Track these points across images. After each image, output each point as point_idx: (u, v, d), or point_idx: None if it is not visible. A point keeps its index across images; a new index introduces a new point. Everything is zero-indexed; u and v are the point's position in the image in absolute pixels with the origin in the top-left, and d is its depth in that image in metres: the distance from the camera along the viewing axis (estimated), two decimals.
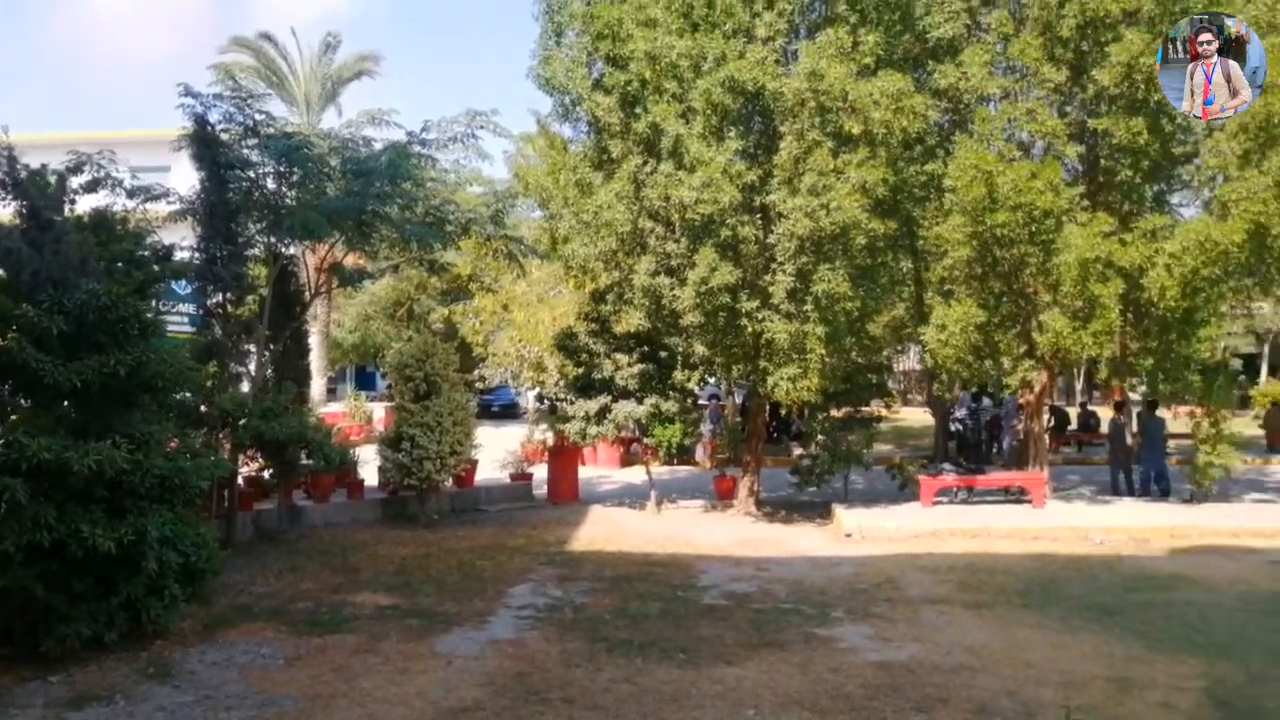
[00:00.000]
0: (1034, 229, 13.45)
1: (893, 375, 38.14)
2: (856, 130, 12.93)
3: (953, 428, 21.76)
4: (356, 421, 26.92)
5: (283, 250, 14.47)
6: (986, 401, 22.15)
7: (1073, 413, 26.00)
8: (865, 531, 13.80)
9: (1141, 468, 16.93)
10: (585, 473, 19.88)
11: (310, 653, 8.43)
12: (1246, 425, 25.64)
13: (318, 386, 28.60)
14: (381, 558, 12.46)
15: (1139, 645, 8.61)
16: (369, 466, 15.88)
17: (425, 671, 7.96)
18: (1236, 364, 38.90)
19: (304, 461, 13.08)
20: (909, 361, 36.41)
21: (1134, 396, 19.95)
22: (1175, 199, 16.02)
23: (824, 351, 13.62)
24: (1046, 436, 17.80)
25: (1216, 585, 10.82)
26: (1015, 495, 15.83)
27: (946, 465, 17.09)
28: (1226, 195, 13.27)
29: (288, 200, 13.21)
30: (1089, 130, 14.40)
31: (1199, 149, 14.23)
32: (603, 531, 14.47)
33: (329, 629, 9.16)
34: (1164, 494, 16.35)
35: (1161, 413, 17.14)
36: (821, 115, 13.02)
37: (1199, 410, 15.63)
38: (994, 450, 21.80)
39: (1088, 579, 11.22)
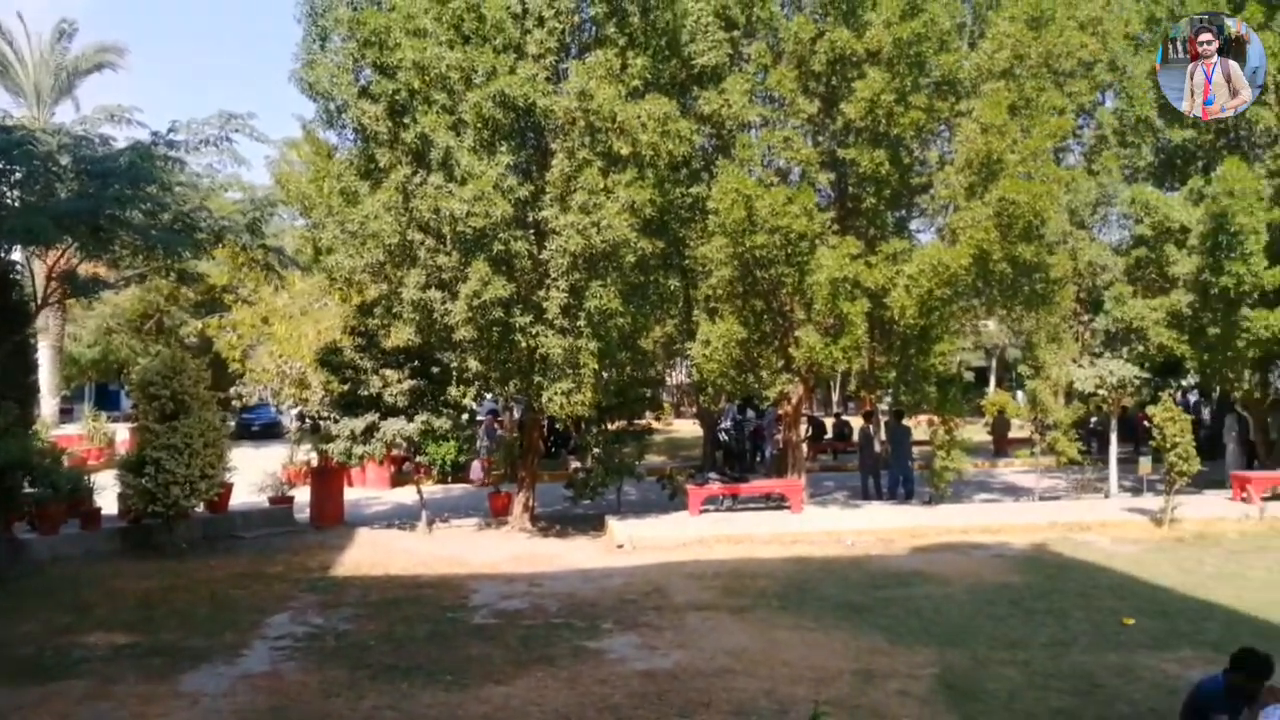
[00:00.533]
0: (790, 251, 14.26)
1: (665, 389, 39.19)
2: (625, 151, 13.23)
3: (720, 438, 22.66)
4: (95, 444, 24.60)
5: (1, 255, 13.04)
6: (751, 413, 23.23)
7: (830, 423, 27.71)
8: (637, 542, 14.08)
9: (889, 473, 18.28)
10: (352, 494, 19.13)
11: (29, 704, 7.58)
12: (978, 432, 28.37)
13: (49, 406, 25.95)
14: (120, 592, 11.41)
15: (882, 639, 9.27)
16: (108, 493, 14.55)
17: (166, 714, 7.36)
18: (969, 376, 42.90)
19: (27, 489, 11.78)
20: (681, 375, 37.63)
21: (883, 407, 21.53)
22: (914, 225, 17.44)
23: (597, 366, 13.82)
24: (805, 445, 18.91)
25: (950, 579, 11.84)
26: (776, 502, 16.66)
27: (713, 474, 17.75)
28: (955, 223, 14.64)
29: (7, 201, 11.92)
30: (839, 159, 15.44)
31: (933, 180, 15.58)
32: (370, 555, 13.95)
33: (53, 675, 8.29)
34: (908, 497, 17.71)
35: (906, 421, 18.63)
36: (591, 135, 13.23)
37: (936, 419, 17.06)
38: (758, 459, 22.87)
39: (839, 579, 11.96)
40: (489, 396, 19.24)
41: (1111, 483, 17.99)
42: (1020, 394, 28.68)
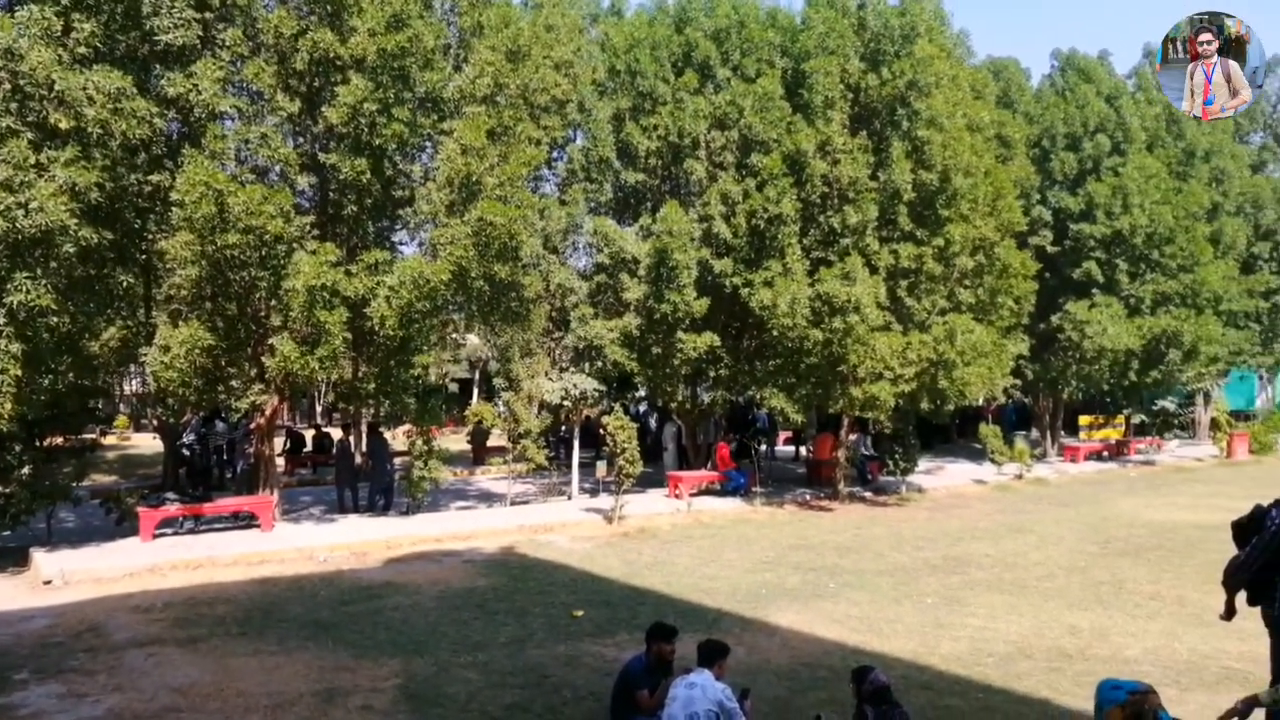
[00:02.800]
0: (265, 253, 13.50)
1: (122, 399, 34.80)
2: (65, 125, 11.51)
3: (183, 454, 20.66)
4: None
5: None
6: (221, 425, 21.55)
7: (310, 435, 26.70)
8: (70, 575, 12.23)
9: (369, 485, 18.09)
10: None
11: None
12: (460, 442, 29.32)
13: None
14: None
15: (348, 655, 9.07)
16: None
17: None
18: (454, 388, 44.12)
19: None
20: (136, 385, 33.72)
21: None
22: (397, 237, 17.51)
23: (20, 373, 11.77)
24: (281, 459, 17.97)
25: (420, 588, 11.99)
26: (245, 520, 15.60)
27: (171, 494, 16.12)
28: (436, 238, 14.98)
29: None
30: (321, 163, 14.97)
31: (416, 194, 15.79)
32: None
33: None
34: (386, 508, 17.67)
35: (386, 432, 18.57)
36: (20, 101, 11.29)
37: (415, 429, 17.25)
38: (229, 475, 21.27)
39: (308, 598, 11.51)
40: None
41: (574, 486, 19.67)
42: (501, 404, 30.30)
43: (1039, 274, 22.62)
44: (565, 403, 18.82)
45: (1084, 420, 29.84)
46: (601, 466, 19.43)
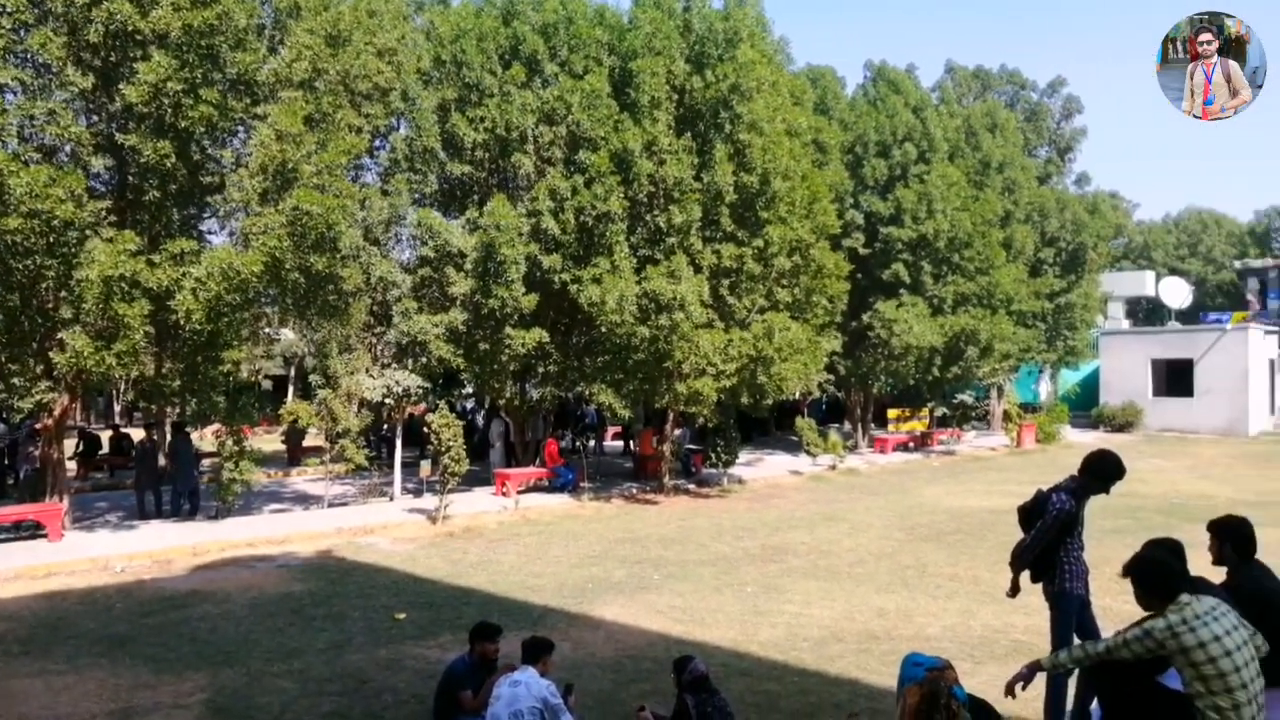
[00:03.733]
0: (53, 240, 12.45)
1: None
2: None
3: None
4: None
5: None
6: (1, 427, 19.74)
7: (107, 436, 24.84)
8: None
9: (173, 488, 17.00)
10: None
11: None
12: (274, 442, 28.01)
13: None
14: None
15: (147, 671, 8.49)
16: None
17: None
18: (268, 385, 42.17)
19: None
20: None
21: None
22: (206, 225, 16.53)
23: None
24: (73, 463, 16.61)
25: (230, 596, 11.38)
26: (30, 530, 14.35)
27: None
28: (248, 228, 14.22)
29: None
30: (119, 145, 13.92)
31: (226, 181, 14.93)
32: None
33: None
34: (193, 512, 16.67)
35: (193, 432, 17.50)
36: None
37: (224, 429, 16.34)
38: (10, 481, 19.49)
39: (103, 611, 10.70)
40: None
41: (396, 486, 19.17)
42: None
43: (851, 274, 23.78)
44: (387, 400, 18.31)
45: (892, 413, 31.63)
46: (425, 466, 19.02)
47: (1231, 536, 5.93)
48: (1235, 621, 4.54)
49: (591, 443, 27.77)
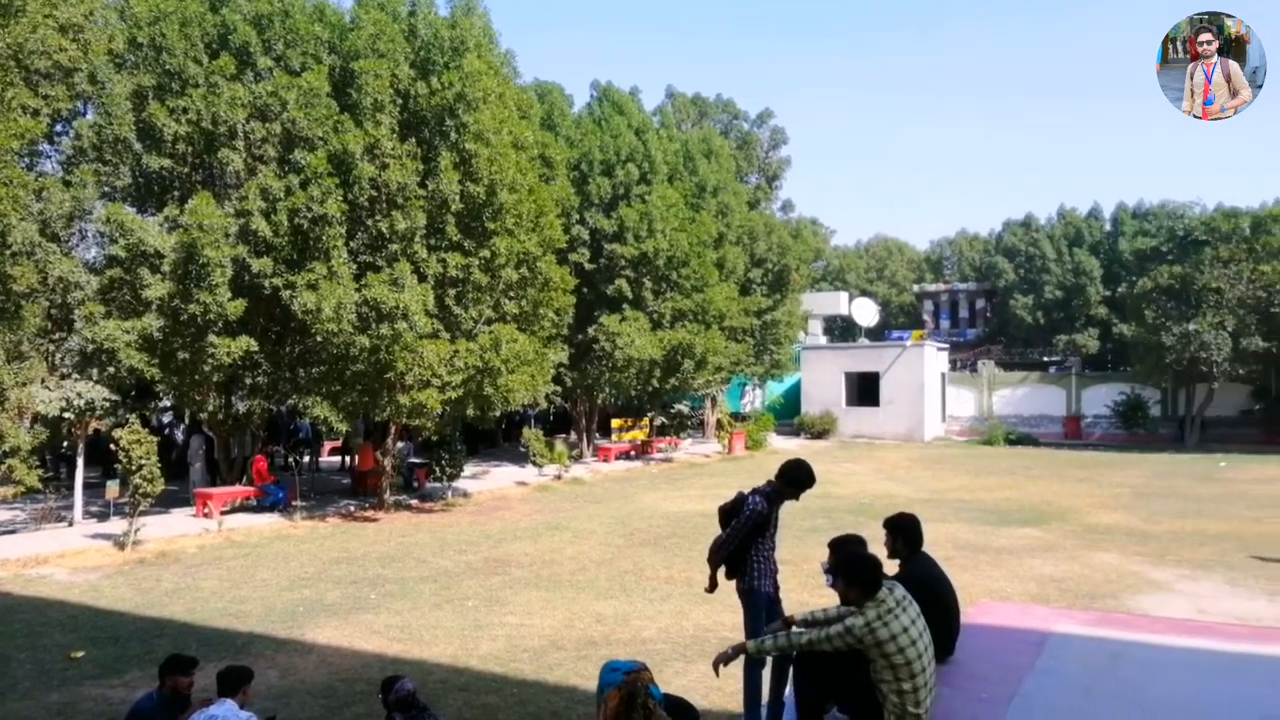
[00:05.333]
0: None
1: None
2: None
3: None
4: None
5: None
6: None
7: None
8: None
9: None
10: None
11: None
12: None
13: None
14: None
15: None
16: None
17: None
18: None
19: None
20: None
21: None
22: None
23: None
24: None
25: None
26: None
27: None
28: None
29: None
30: None
31: None
32: None
33: None
34: None
35: None
36: None
37: None
38: None
39: None
40: None
41: (77, 510, 17.20)
42: None
43: (577, 288, 24.25)
44: (67, 415, 16.39)
45: (616, 423, 32.51)
46: (113, 486, 17.17)
47: (903, 531, 6.62)
48: (916, 612, 5.05)
49: (306, 458, 26.39)
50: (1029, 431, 40.89)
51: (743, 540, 6.53)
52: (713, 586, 6.79)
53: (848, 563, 5.24)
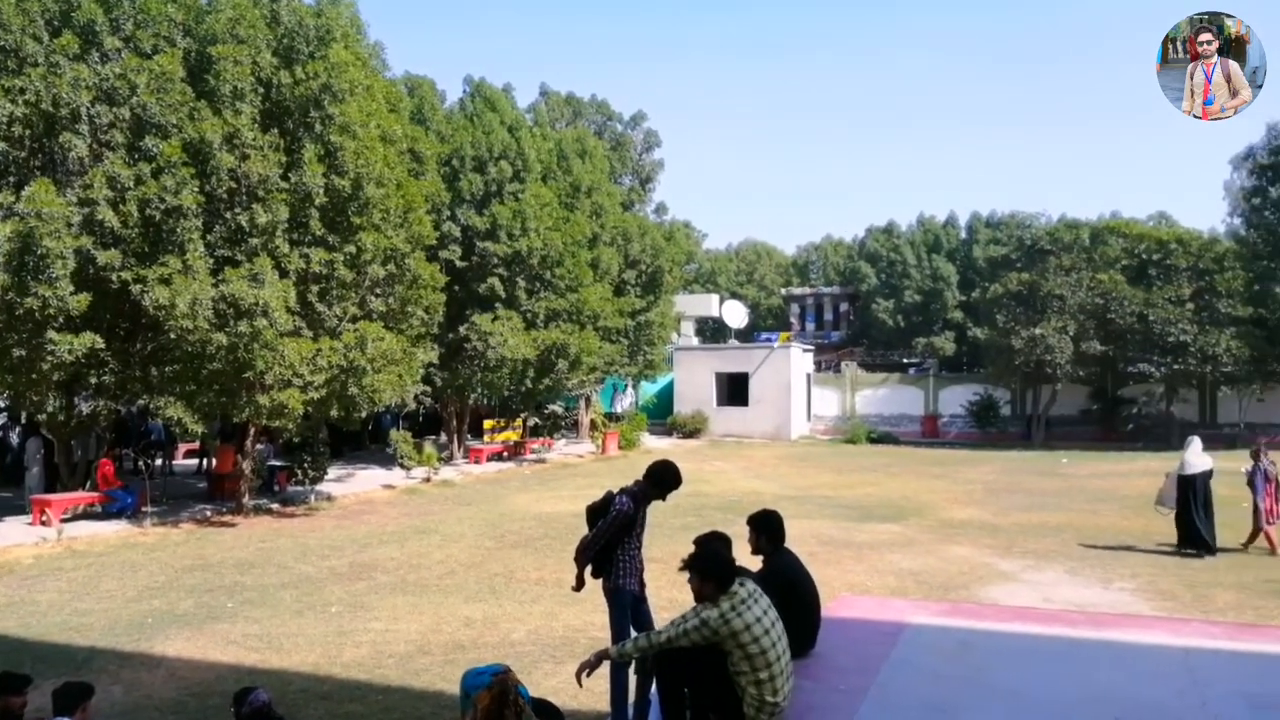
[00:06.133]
0: None
1: None
2: None
3: None
4: None
5: None
6: None
7: None
8: None
9: None
10: None
11: None
12: None
13: None
14: None
15: None
16: None
17: None
18: None
19: None
20: None
21: None
22: None
23: None
24: None
25: None
26: None
27: None
28: None
29: None
30: None
31: None
32: None
33: None
34: None
35: None
36: None
37: None
38: None
39: None
40: None
41: None
42: None
43: (448, 286, 23.85)
44: None
45: (488, 424, 32.13)
46: None
47: (766, 528, 6.76)
48: (768, 604, 5.18)
49: (159, 461, 25.08)
50: (890, 430, 42.50)
51: (609, 540, 6.54)
52: (579, 585, 6.79)
53: (701, 559, 5.35)
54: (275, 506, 20.03)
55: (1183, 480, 14.60)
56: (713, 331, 59.36)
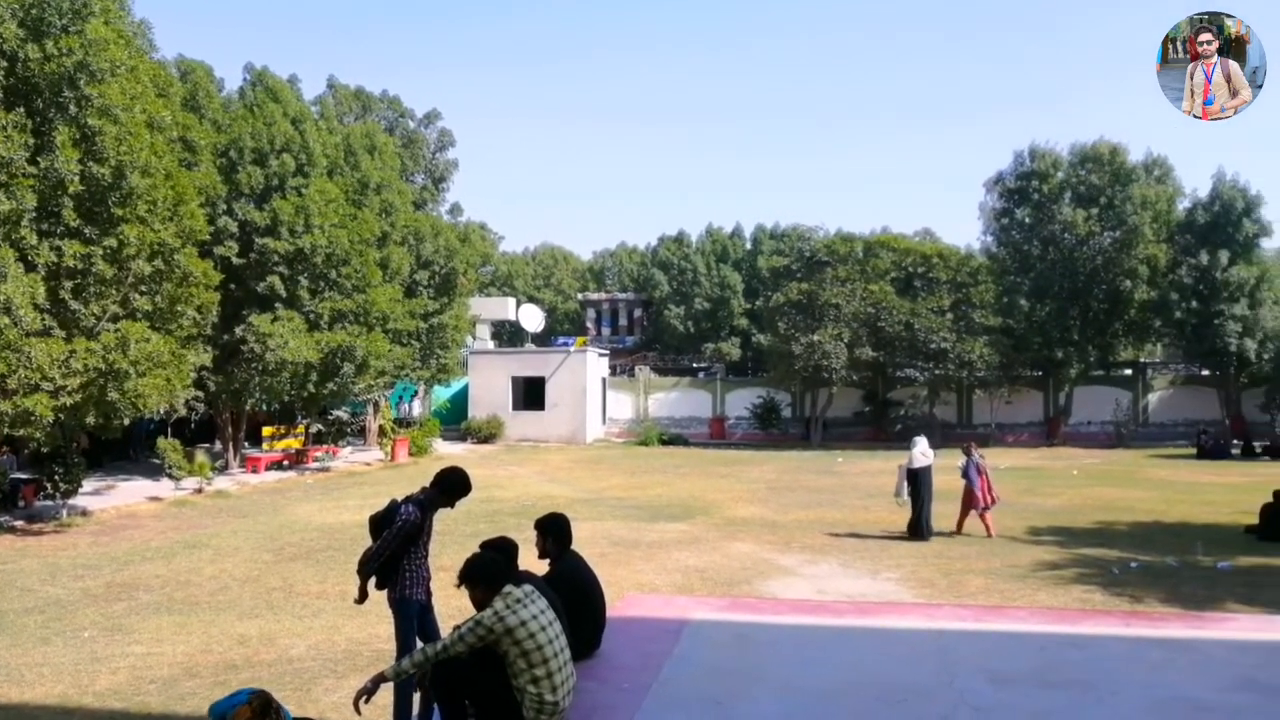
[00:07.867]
0: None
1: None
2: None
3: None
4: None
5: None
6: None
7: None
8: None
9: None
10: None
11: None
12: None
13: None
14: None
15: None
16: None
17: None
18: None
19: None
20: None
21: None
22: None
23: None
24: None
25: None
26: None
27: None
28: None
29: None
30: None
31: None
32: None
33: None
34: None
35: None
36: None
37: None
38: None
39: None
40: None
41: None
42: None
43: (224, 284, 22.48)
44: None
45: (267, 431, 30.50)
46: None
47: (552, 532, 6.78)
48: (545, 604, 5.20)
49: None
50: (680, 432, 43.72)
51: (395, 550, 6.36)
52: (362, 598, 6.56)
53: (466, 567, 5.34)
54: (20, 524, 18.13)
55: (911, 473, 16.62)
56: (510, 335, 59.02)
